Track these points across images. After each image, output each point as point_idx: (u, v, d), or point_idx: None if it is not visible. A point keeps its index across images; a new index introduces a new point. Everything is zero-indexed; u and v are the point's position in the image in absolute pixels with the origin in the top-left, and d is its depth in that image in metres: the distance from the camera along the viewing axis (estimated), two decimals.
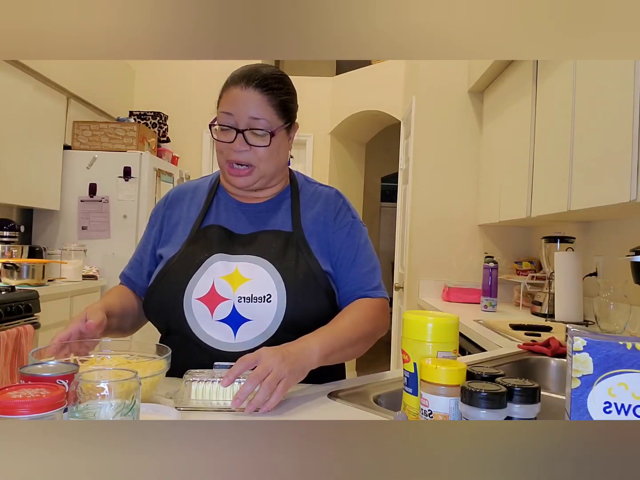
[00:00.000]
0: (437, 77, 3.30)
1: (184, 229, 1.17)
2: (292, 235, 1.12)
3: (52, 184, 3.42)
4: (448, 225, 3.27)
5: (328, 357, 0.98)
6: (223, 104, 1.10)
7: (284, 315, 1.04)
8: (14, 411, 0.57)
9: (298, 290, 1.06)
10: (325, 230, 1.15)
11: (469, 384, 0.66)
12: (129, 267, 1.25)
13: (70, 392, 0.62)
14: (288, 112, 1.13)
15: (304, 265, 1.09)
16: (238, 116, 1.07)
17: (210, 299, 1.06)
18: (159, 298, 1.10)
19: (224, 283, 1.06)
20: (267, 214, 1.16)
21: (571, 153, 1.84)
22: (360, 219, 1.22)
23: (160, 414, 0.78)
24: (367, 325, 1.08)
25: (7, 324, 2.35)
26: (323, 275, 1.10)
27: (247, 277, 1.06)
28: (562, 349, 1.48)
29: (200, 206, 1.19)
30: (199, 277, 1.07)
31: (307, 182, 1.24)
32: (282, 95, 1.10)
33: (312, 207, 1.18)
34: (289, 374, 0.87)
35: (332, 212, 1.17)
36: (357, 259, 1.15)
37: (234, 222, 1.16)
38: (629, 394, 0.59)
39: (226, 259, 1.09)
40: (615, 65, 1.54)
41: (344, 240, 1.16)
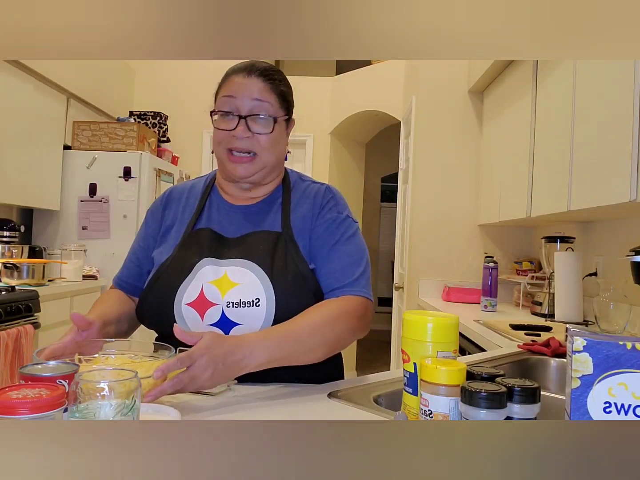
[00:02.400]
0: (437, 77, 3.30)
1: (177, 231, 1.16)
2: (280, 236, 1.10)
3: (52, 184, 3.42)
4: (448, 225, 3.27)
5: (270, 365, 0.94)
6: (224, 89, 1.09)
7: (274, 318, 1.03)
8: (14, 411, 0.57)
9: (287, 293, 1.04)
10: (308, 226, 1.12)
11: (469, 384, 0.66)
12: (124, 270, 1.23)
13: (70, 392, 0.62)
14: (287, 105, 1.13)
15: (292, 267, 1.06)
16: (241, 99, 1.06)
17: (199, 305, 1.05)
18: (151, 303, 1.09)
19: (212, 288, 1.05)
20: (259, 216, 1.15)
21: (571, 153, 1.84)
22: (350, 215, 1.16)
23: (160, 414, 0.78)
24: (327, 331, 0.99)
25: (7, 324, 2.35)
26: (311, 275, 1.08)
27: (235, 281, 1.05)
28: (562, 349, 1.48)
29: (194, 208, 1.18)
30: (189, 283, 1.06)
31: (300, 180, 1.22)
32: (282, 87, 1.11)
33: (301, 204, 1.15)
34: (204, 384, 0.86)
35: (317, 208, 1.14)
36: (331, 254, 1.09)
37: (225, 224, 1.14)
38: (629, 394, 0.59)
39: (215, 263, 1.07)
40: (615, 65, 1.54)
41: (321, 235, 1.11)
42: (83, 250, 3.28)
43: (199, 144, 4.68)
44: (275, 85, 1.09)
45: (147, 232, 1.22)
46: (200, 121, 4.67)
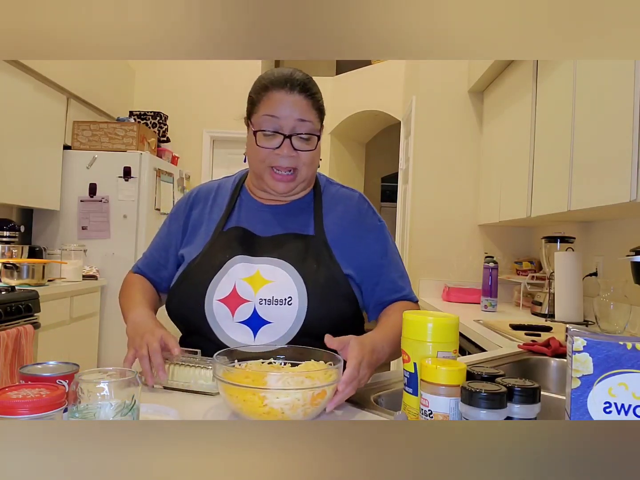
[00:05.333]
0: (437, 77, 3.30)
1: (206, 230, 1.16)
2: (313, 239, 1.11)
3: (52, 184, 3.42)
4: (448, 225, 3.27)
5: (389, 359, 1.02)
6: (265, 107, 1.07)
7: (304, 319, 1.03)
8: (14, 411, 0.57)
9: (319, 294, 1.05)
10: (349, 234, 1.14)
11: (469, 384, 0.66)
12: (144, 263, 1.24)
13: (70, 392, 0.62)
14: (323, 116, 1.14)
15: (325, 270, 1.08)
16: (285, 119, 1.06)
17: (231, 301, 1.05)
18: (181, 299, 1.10)
19: (245, 285, 1.06)
20: (289, 217, 1.15)
21: (571, 153, 1.84)
22: (384, 223, 1.21)
23: (160, 414, 0.78)
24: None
25: (7, 324, 2.35)
26: (344, 279, 1.09)
27: (268, 279, 1.06)
28: (562, 349, 1.48)
29: (223, 207, 1.18)
30: (220, 279, 1.07)
31: (329, 183, 1.24)
32: (319, 99, 1.12)
33: (334, 209, 1.17)
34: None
35: (358, 217, 1.16)
36: (390, 263, 1.15)
37: (255, 223, 1.15)
38: (629, 394, 0.59)
39: (247, 260, 1.08)
40: (615, 65, 1.54)
41: (373, 244, 1.15)
42: (83, 250, 3.28)
43: (199, 144, 4.68)
44: (315, 101, 1.10)
45: (169, 232, 1.22)
46: (200, 121, 4.67)
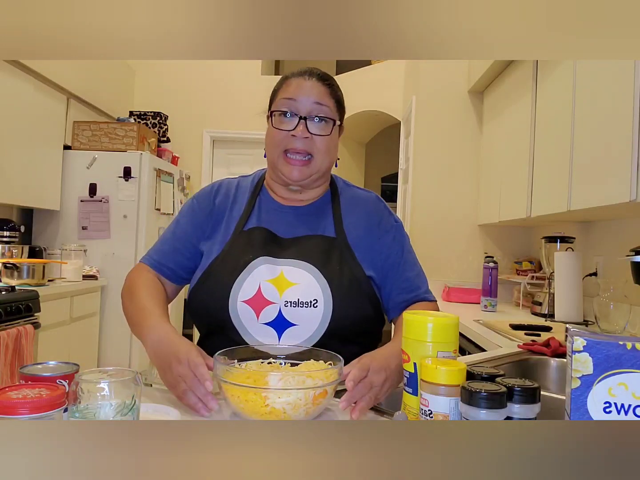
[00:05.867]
0: (437, 77, 3.30)
1: (226, 228, 1.15)
2: (335, 241, 1.11)
3: (52, 184, 3.42)
4: (448, 225, 3.27)
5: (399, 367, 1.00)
6: (284, 92, 1.10)
7: (330, 321, 1.03)
8: (14, 411, 0.57)
9: (344, 296, 1.05)
10: (368, 235, 1.14)
11: (469, 384, 0.66)
12: (158, 253, 1.17)
13: (70, 392, 0.62)
14: (342, 111, 1.15)
15: (348, 272, 1.08)
16: (301, 101, 1.07)
17: (256, 302, 1.04)
18: (204, 299, 1.08)
19: (270, 286, 1.05)
20: (309, 218, 1.15)
21: (571, 153, 1.84)
22: (402, 223, 1.21)
23: (160, 414, 0.78)
24: None
25: (7, 324, 2.35)
26: (367, 281, 1.09)
27: (293, 281, 1.05)
28: (562, 349, 1.48)
29: (243, 206, 1.17)
30: (244, 280, 1.06)
31: (345, 185, 1.24)
32: (339, 92, 1.13)
33: (352, 211, 1.17)
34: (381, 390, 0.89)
35: (375, 217, 1.16)
36: (406, 263, 1.15)
37: (276, 224, 1.14)
38: (629, 394, 0.59)
39: (271, 262, 1.07)
40: (615, 65, 1.54)
41: (391, 244, 1.15)
42: (83, 250, 3.28)
43: (199, 144, 4.68)
44: (334, 91, 1.11)
45: (190, 222, 1.17)
46: (200, 121, 4.67)
